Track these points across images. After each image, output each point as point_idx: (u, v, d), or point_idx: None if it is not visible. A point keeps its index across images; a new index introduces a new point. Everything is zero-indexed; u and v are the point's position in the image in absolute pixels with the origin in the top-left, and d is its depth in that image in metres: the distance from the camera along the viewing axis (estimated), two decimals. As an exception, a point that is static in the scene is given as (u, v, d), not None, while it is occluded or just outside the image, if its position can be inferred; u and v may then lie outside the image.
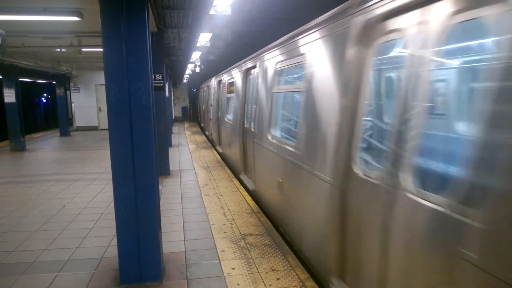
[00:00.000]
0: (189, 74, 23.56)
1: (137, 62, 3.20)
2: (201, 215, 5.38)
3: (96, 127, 19.54)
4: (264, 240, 4.41)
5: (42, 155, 11.91)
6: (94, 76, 18.79)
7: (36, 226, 5.01)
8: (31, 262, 3.92)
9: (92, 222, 5.14)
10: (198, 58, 13.60)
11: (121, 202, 3.32)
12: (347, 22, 2.98)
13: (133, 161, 3.28)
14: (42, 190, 6.95)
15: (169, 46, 10.05)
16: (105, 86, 3.21)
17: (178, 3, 6.01)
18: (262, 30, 9.70)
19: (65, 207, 5.88)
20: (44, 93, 25.73)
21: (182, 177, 8.02)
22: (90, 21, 6.46)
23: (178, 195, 6.54)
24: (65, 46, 9.70)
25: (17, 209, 5.81)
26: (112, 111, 3.22)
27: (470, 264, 1.69)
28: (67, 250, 4.20)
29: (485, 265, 1.62)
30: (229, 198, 6.29)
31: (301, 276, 3.55)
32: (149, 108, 3.28)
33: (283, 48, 4.90)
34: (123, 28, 3.13)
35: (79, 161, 10.25)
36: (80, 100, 19.46)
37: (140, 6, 3.17)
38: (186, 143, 13.98)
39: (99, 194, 6.64)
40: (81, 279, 3.54)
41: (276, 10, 7.92)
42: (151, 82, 3.30)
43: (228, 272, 3.64)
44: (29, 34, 7.86)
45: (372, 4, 2.59)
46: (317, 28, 3.70)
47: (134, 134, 3.26)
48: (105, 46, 3.17)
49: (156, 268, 3.48)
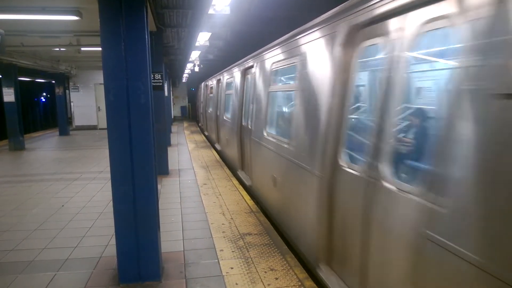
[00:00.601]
0: (188, 74, 23.56)
1: (136, 61, 3.20)
2: (200, 215, 5.38)
3: (95, 126, 19.54)
4: (262, 240, 4.42)
5: (41, 154, 11.90)
6: (93, 76, 18.78)
7: (35, 225, 5.01)
8: (30, 261, 3.93)
9: (91, 221, 5.14)
10: (197, 57, 13.62)
11: (120, 200, 3.33)
12: (335, 27, 3.23)
13: (131, 160, 3.28)
14: (41, 189, 6.95)
15: (168, 45, 10.04)
16: (104, 85, 3.21)
17: (177, 2, 6.00)
18: (260, 29, 9.72)
19: (64, 206, 5.89)
20: (43, 92, 25.70)
21: (181, 176, 8.02)
22: (89, 21, 6.45)
23: (177, 194, 6.54)
24: (64, 45, 9.69)
25: (16, 208, 5.81)
26: (111, 110, 3.22)
27: (434, 244, 1.92)
28: (66, 249, 4.20)
29: (446, 245, 1.84)
30: (228, 197, 6.29)
31: (299, 275, 3.56)
32: (148, 107, 3.28)
33: (278, 49, 5.12)
34: (122, 27, 3.13)
35: (78, 160, 10.25)
36: (79, 99, 19.45)
37: (139, 5, 3.17)
38: (185, 143, 13.98)
39: (98, 193, 6.64)
40: (80, 278, 3.55)
41: (273, 8, 7.94)
42: (150, 81, 3.30)
43: (226, 271, 3.64)
44: (28, 33, 7.85)
45: (356, 11, 2.86)
46: (308, 32, 3.93)
47: (132, 133, 3.26)
48: (104, 45, 3.17)
49: (155, 267, 3.48)
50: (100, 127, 19.31)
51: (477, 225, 1.68)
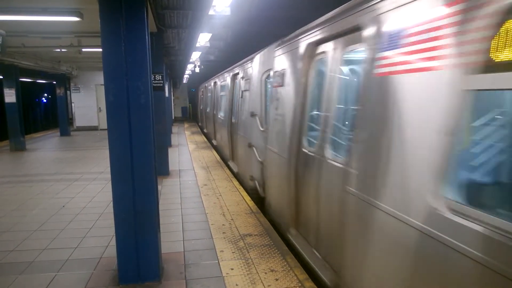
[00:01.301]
0: (189, 74, 23.58)
1: (136, 61, 3.20)
2: (200, 215, 5.38)
3: (96, 127, 19.55)
4: (263, 241, 4.42)
5: (42, 154, 11.92)
6: (94, 76, 18.80)
7: (36, 225, 5.01)
8: (30, 261, 3.93)
9: (91, 222, 5.14)
10: (197, 58, 13.62)
11: (120, 201, 3.33)
12: (298, 43, 4.29)
13: (131, 160, 3.28)
14: (42, 190, 6.96)
15: (168, 46, 10.05)
16: (104, 85, 3.22)
17: (177, 3, 6.00)
18: (260, 29, 9.72)
19: (64, 206, 5.89)
20: (44, 93, 25.76)
21: (181, 177, 8.03)
22: (90, 21, 6.46)
23: (177, 195, 6.55)
24: (65, 46, 9.70)
25: (17, 209, 5.82)
26: (111, 110, 3.23)
27: (351, 194, 2.80)
28: (66, 250, 4.21)
29: (358, 194, 2.70)
30: (228, 198, 6.29)
31: (300, 276, 3.55)
32: (148, 108, 3.28)
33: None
34: (122, 28, 3.13)
35: (79, 160, 10.26)
36: (80, 100, 19.46)
37: (139, 6, 3.17)
38: (185, 143, 13.99)
39: (98, 193, 6.65)
40: (80, 278, 3.55)
41: (274, 9, 7.95)
42: (150, 81, 3.30)
43: (227, 272, 3.64)
44: (29, 34, 7.86)
45: (311, 34, 3.92)
46: (280, 46, 5.07)
47: (132, 133, 3.26)
48: (104, 46, 3.18)
49: (155, 268, 3.48)
50: (101, 128, 19.34)
51: (374, 180, 2.49)
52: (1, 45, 5.77)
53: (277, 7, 7.84)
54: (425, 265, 1.99)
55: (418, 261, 2.05)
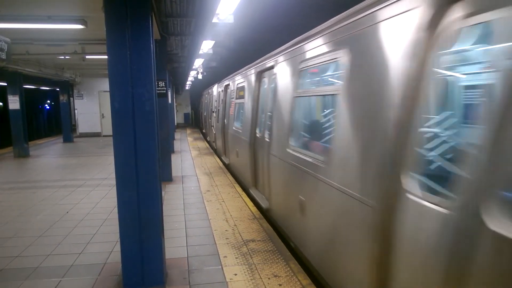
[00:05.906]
0: (192, 81, 23.67)
1: (141, 69, 3.25)
2: (203, 221, 5.40)
3: (99, 133, 19.62)
4: (266, 246, 4.43)
5: (46, 161, 11.98)
6: (97, 83, 18.91)
7: (40, 231, 5.04)
8: (35, 267, 3.95)
9: (95, 227, 5.17)
10: (200, 65, 13.68)
11: (124, 206, 3.36)
12: (254, 71, 6.85)
13: (136, 166, 3.32)
14: (46, 196, 6.99)
15: (171, 53, 10.12)
16: (109, 92, 3.26)
17: (181, 11, 6.07)
18: (263, 37, 9.80)
19: (68, 213, 5.92)
20: (48, 100, 25.90)
21: (184, 183, 8.05)
22: (93, 29, 6.53)
23: (180, 201, 6.57)
24: (69, 53, 9.79)
25: (21, 215, 5.85)
26: (116, 117, 3.27)
27: (271, 155, 5.15)
28: (71, 256, 4.23)
29: (274, 154, 5.00)
30: (231, 204, 6.31)
31: (303, 281, 3.56)
32: (153, 114, 3.32)
33: (241, 74, 8.50)
34: (128, 36, 3.18)
35: (82, 167, 10.30)
36: (83, 106, 19.54)
37: (144, 15, 3.23)
38: (188, 149, 14.03)
39: (102, 200, 6.67)
40: (85, 284, 3.57)
41: (276, 17, 8.02)
42: (154, 88, 3.34)
43: (230, 278, 3.65)
44: (33, 41, 7.94)
45: (258, 65, 6.59)
46: (247, 70, 7.63)
47: (137, 140, 3.30)
48: (110, 54, 3.23)
49: (159, 273, 3.50)
50: (104, 134, 19.40)
51: (276, 145, 4.88)
52: (7, 52, 5.83)
53: (280, 15, 7.91)
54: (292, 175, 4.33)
55: (291, 176, 4.40)
